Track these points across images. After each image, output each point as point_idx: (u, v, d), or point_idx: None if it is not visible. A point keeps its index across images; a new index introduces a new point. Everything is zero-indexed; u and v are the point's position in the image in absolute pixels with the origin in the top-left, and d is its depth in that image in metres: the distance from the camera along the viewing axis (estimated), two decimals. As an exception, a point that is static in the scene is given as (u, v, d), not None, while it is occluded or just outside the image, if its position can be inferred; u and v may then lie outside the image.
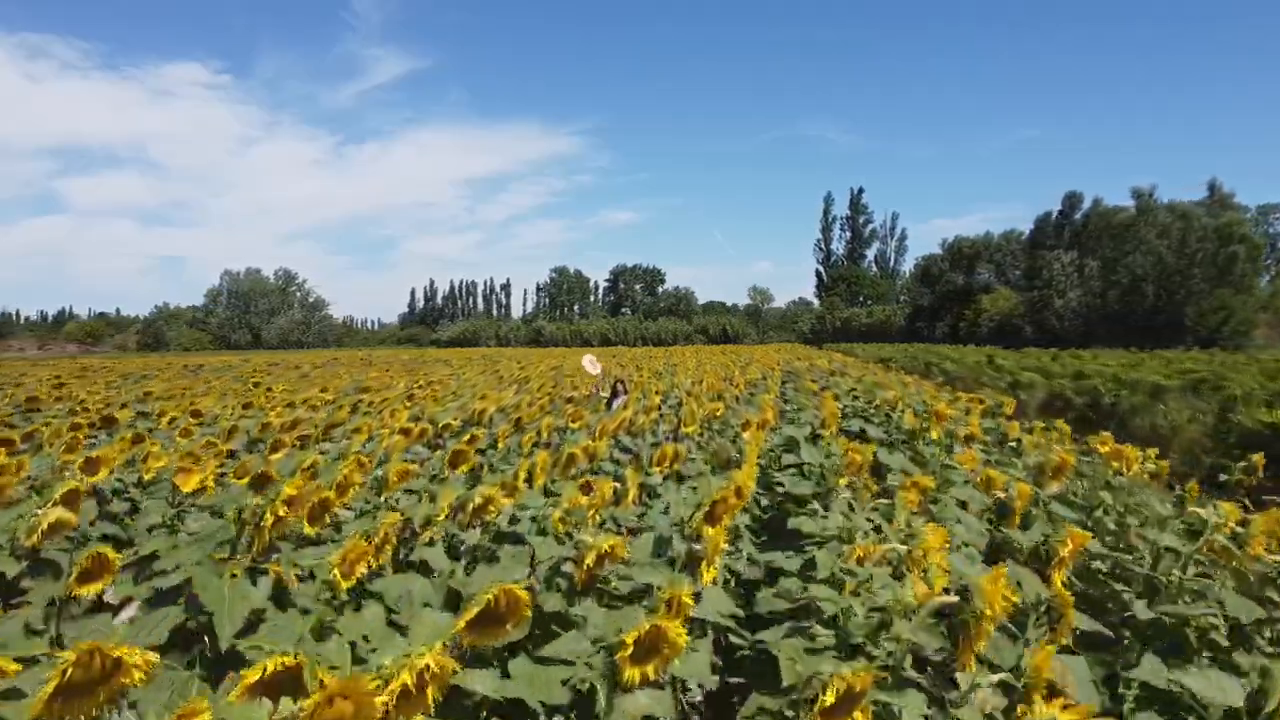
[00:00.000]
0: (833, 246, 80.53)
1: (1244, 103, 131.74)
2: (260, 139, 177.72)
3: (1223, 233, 38.71)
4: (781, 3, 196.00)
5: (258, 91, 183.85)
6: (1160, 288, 40.55)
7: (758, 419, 5.58)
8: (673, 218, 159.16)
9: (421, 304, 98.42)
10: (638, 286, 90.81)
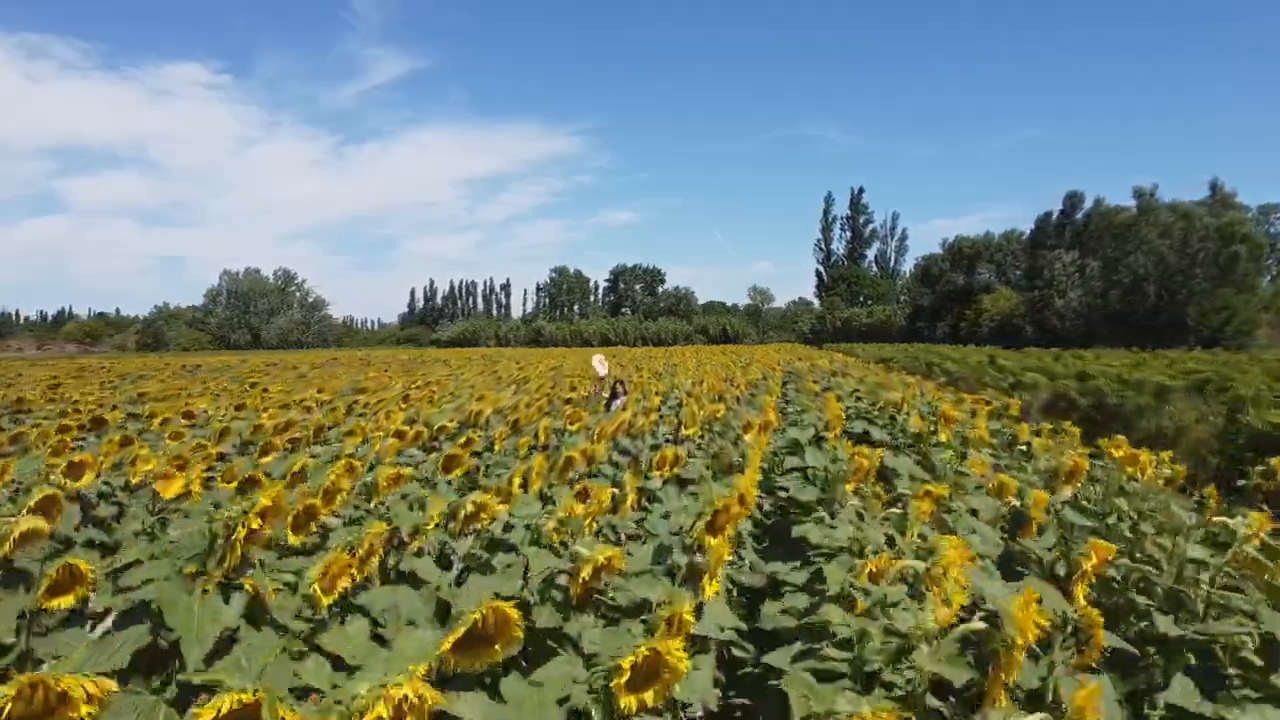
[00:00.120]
0: (833, 246, 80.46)
1: (1244, 103, 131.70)
2: (260, 139, 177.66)
3: (1225, 232, 38.58)
4: (781, 3, 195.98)
5: (258, 91, 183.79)
6: (1162, 287, 40.43)
7: (760, 421, 5.46)
8: (673, 218, 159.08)
9: (421, 304, 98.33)
10: (638, 286, 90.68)
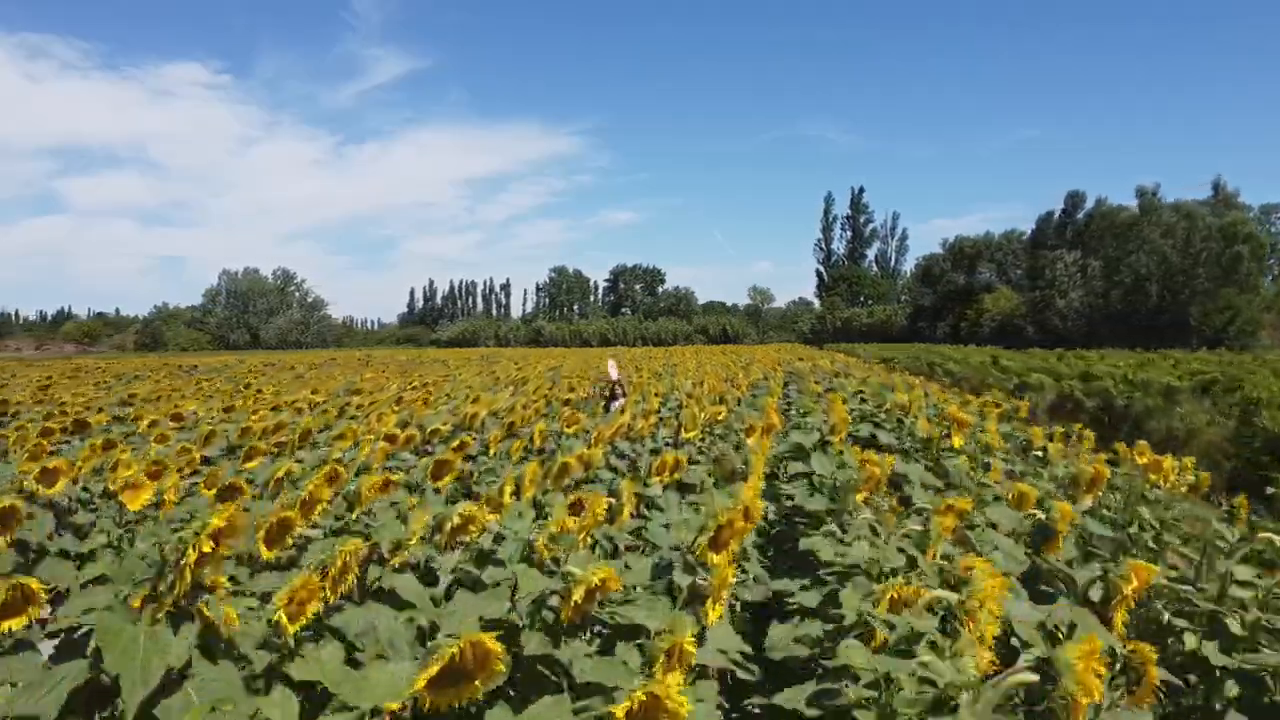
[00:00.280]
0: (833, 246, 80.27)
1: (1244, 103, 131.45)
2: (260, 139, 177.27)
3: (1228, 232, 38.40)
4: (781, 3, 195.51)
5: (258, 91, 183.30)
6: (1164, 287, 40.24)
7: (762, 424, 5.29)
8: (673, 218, 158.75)
9: (421, 304, 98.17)
10: (638, 286, 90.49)
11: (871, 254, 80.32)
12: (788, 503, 3.91)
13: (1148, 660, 1.38)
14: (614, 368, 10.93)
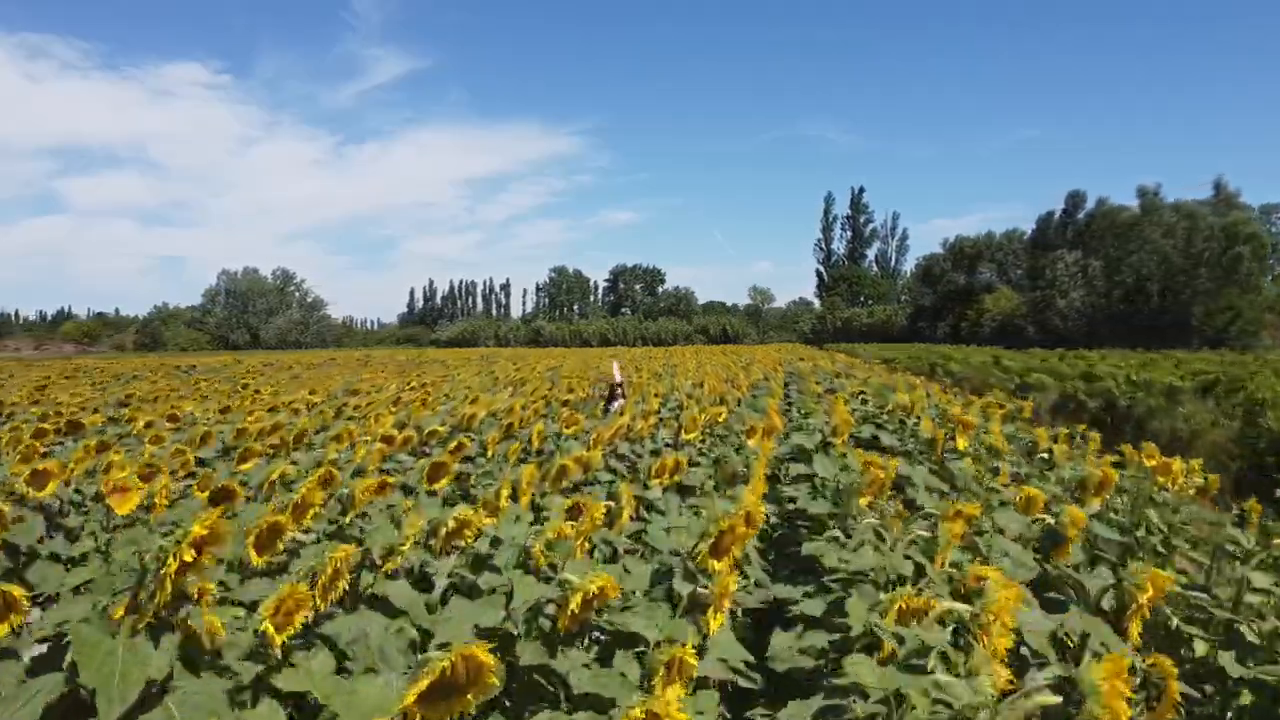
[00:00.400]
0: (833, 246, 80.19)
1: (1244, 103, 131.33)
2: (260, 139, 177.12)
3: (1230, 232, 38.33)
4: (781, 3, 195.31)
5: (258, 91, 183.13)
6: (1165, 288, 40.18)
7: (763, 425, 5.23)
8: (673, 218, 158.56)
9: (421, 304, 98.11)
10: (638, 286, 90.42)
11: (872, 254, 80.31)
12: (789, 505, 3.85)
13: (1169, 675, 1.32)
14: (618, 370, 10.90)
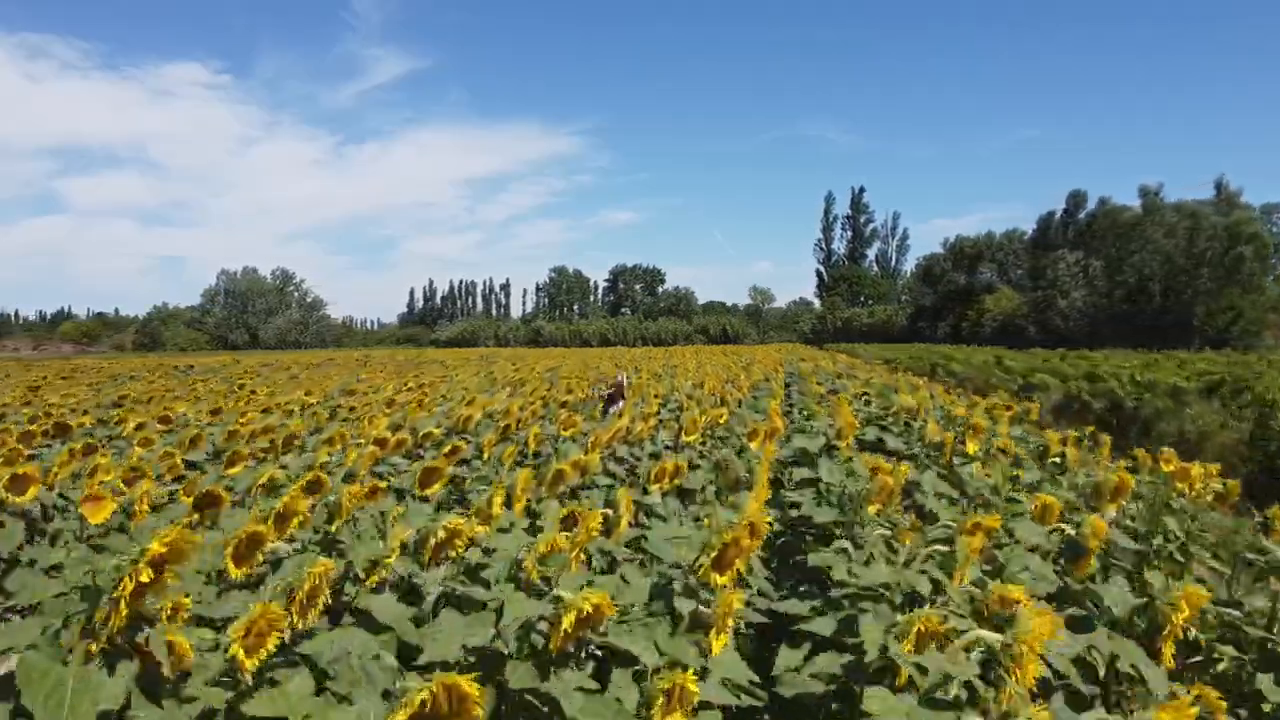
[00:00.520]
0: (834, 246, 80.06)
1: (1244, 103, 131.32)
2: (260, 139, 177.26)
3: (1233, 231, 38.19)
4: (781, 3, 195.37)
5: (258, 91, 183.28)
6: (1167, 287, 40.04)
7: (765, 427, 5.11)
8: (673, 218, 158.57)
9: (421, 304, 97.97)
10: (638, 286, 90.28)
11: (872, 254, 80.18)
12: (793, 511, 3.73)
13: (1217, 710, 1.21)
14: (625, 381, 10.72)
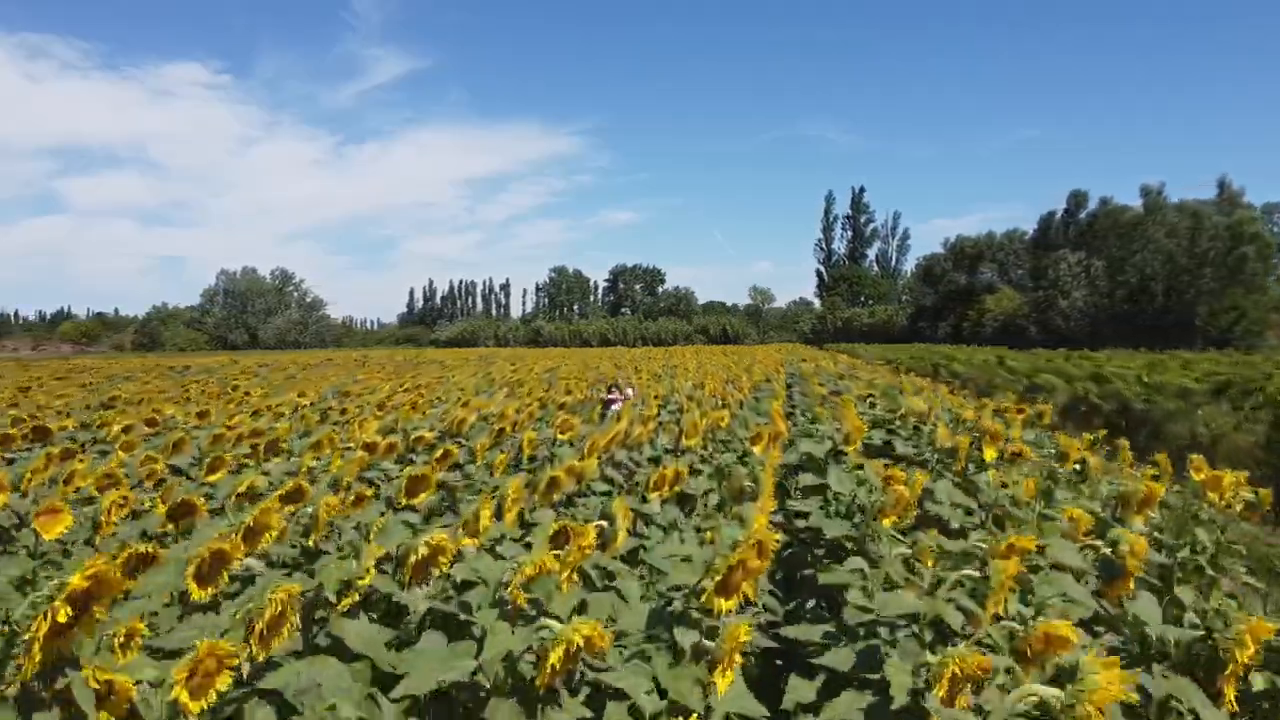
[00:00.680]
0: (834, 246, 79.87)
1: (1244, 103, 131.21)
2: (260, 139, 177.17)
3: (1235, 231, 38.01)
4: (781, 3, 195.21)
5: (258, 91, 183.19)
6: (1169, 287, 39.86)
7: (769, 431, 4.93)
8: (673, 218, 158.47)
9: (421, 304, 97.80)
10: (638, 286, 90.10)
11: (872, 254, 79.99)
12: (800, 521, 3.55)
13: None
14: (633, 392, 10.40)
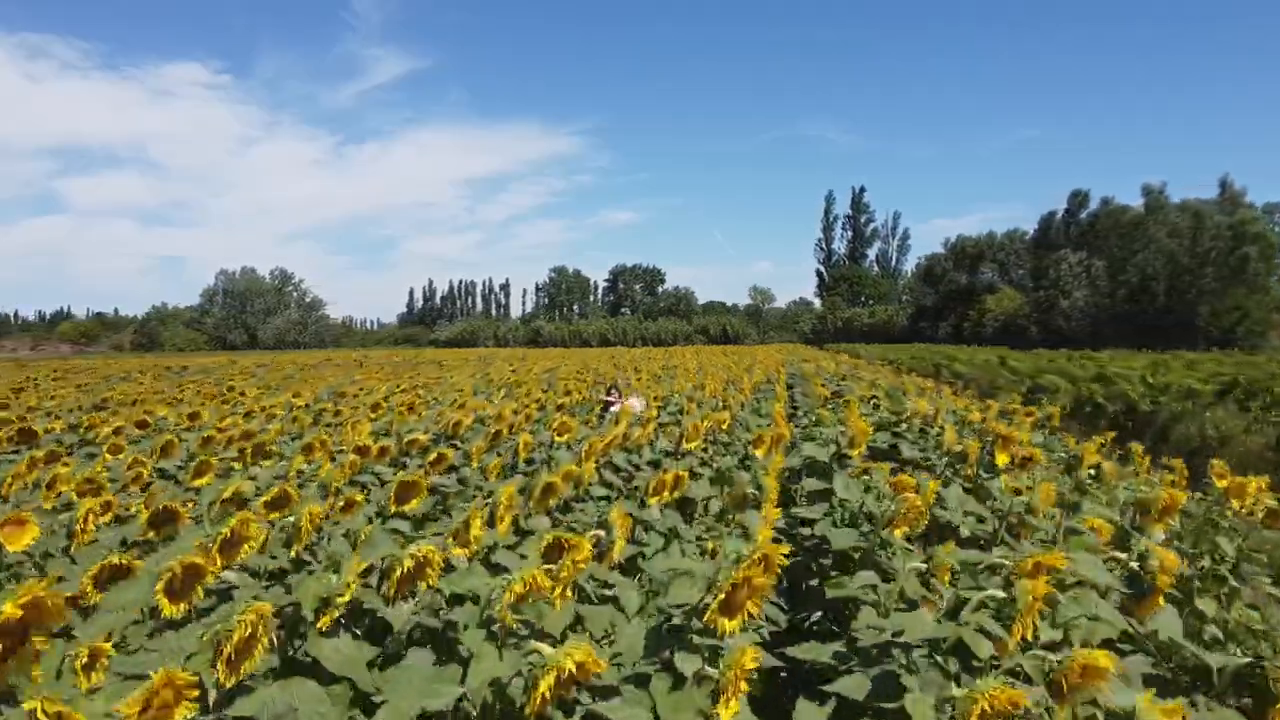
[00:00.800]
0: (834, 246, 79.75)
1: (1245, 103, 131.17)
2: (260, 139, 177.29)
3: (1237, 231, 37.89)
4: (781, 3, 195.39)
5: (258, 91, 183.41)
6: (1171, 287, 39.74)
7: (771, 434, 4.80)
8: (673, 218, 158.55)
9: (420, 304, 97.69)
10: (637, 286, 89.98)
11: (872, 254, 79.87)
12: (804, 529, 3.44)
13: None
14: (638, 402, 9.56)
